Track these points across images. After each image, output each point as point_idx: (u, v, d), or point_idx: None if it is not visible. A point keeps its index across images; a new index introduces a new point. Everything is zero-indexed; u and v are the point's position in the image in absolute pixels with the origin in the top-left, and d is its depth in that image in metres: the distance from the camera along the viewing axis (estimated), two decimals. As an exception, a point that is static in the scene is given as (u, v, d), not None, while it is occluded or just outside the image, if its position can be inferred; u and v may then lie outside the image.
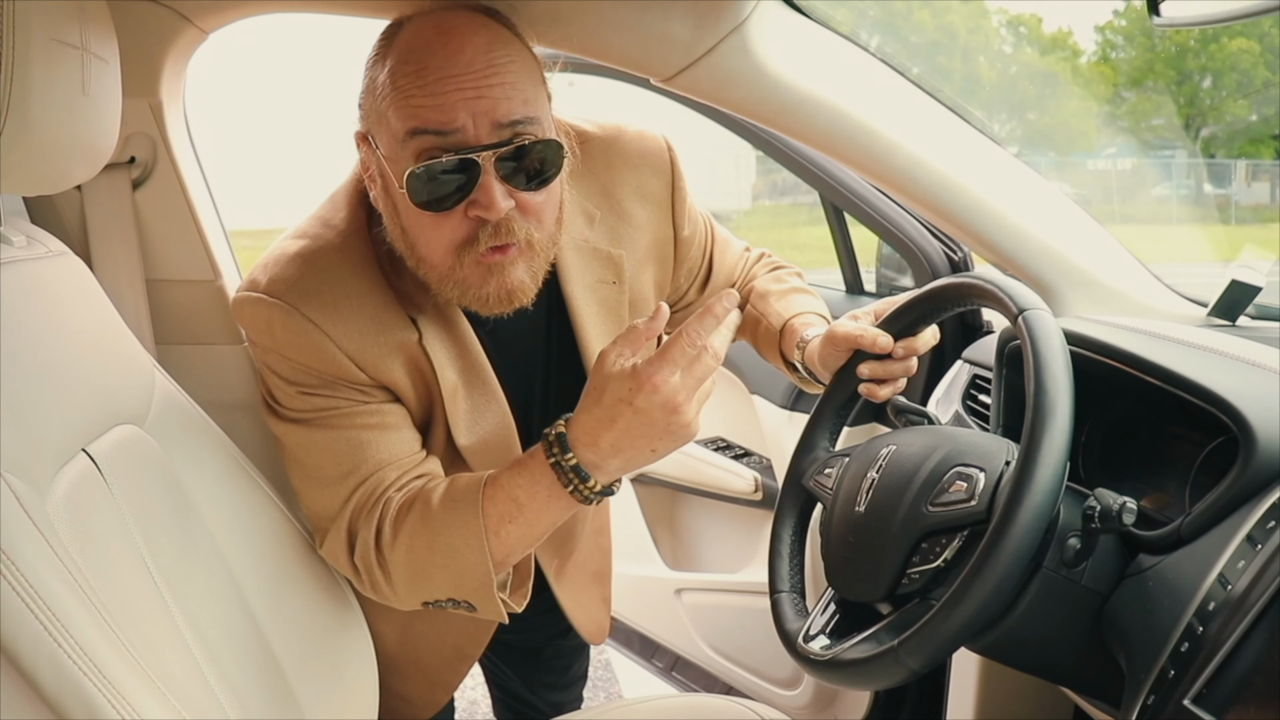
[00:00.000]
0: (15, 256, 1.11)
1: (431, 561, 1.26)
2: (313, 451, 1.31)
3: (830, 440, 1.47)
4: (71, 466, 1.04)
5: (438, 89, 1.16)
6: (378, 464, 1.30)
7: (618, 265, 1.44)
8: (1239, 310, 1.71)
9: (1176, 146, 18.53)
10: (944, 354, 1.97)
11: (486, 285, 1.22)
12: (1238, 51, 18.06)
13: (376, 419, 1.31)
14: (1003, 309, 1.23)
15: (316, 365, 1.28)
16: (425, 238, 1.21)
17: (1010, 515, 1.06)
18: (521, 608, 1.33)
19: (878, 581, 1.21)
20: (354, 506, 1.30)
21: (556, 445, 1.20)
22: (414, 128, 1.16)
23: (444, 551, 1.25)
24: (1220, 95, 18.65)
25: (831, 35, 1.57)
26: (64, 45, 1.02)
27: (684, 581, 2.66)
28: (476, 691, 3.07)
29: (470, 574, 1.25)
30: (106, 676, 0.88)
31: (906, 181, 1.63)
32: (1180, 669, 1.04)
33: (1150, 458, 1.40)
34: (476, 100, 1.16)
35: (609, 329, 1.44)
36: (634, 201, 1.47)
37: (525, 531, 1.25)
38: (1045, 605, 1.16)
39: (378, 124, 1.21)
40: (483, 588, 1.26)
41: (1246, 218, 15.35)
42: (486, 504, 1.23)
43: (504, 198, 1.17)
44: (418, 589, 1.30)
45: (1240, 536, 1.09)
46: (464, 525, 1.24)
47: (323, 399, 1.30)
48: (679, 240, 1.55)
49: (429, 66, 1.16)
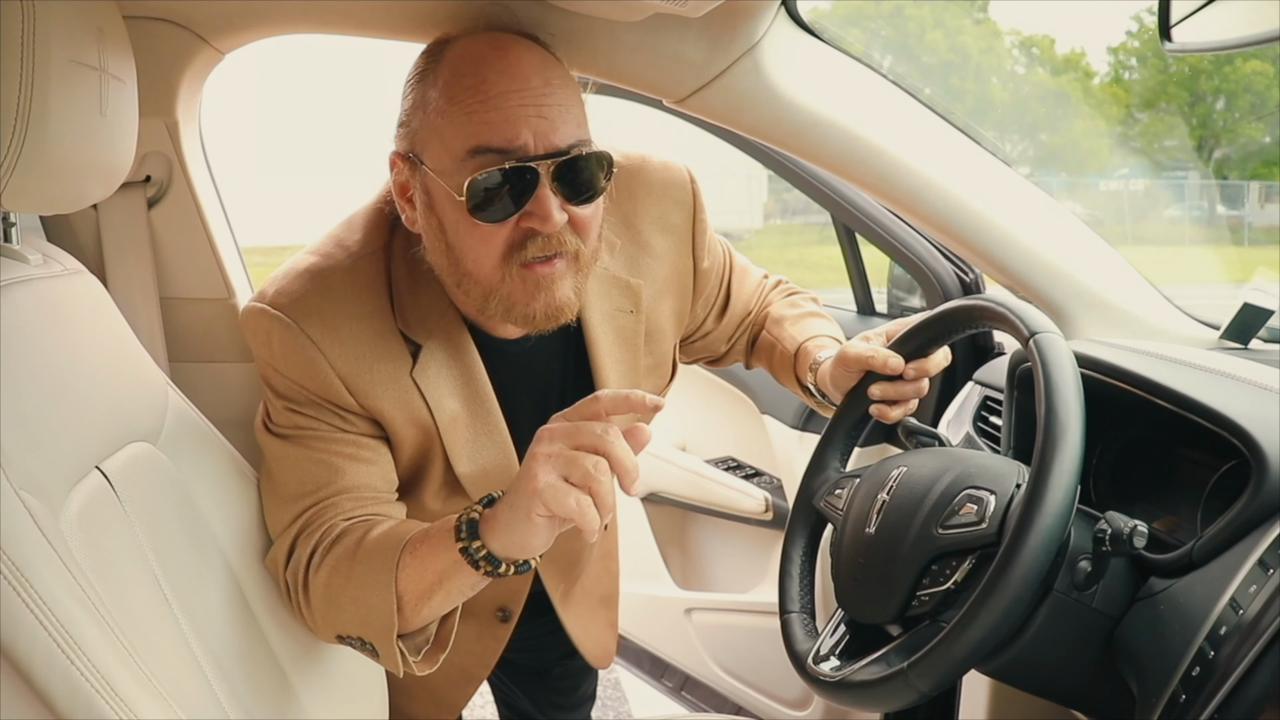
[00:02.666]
0: (32, 275, 1.12)
1: (344, 594, 1.23)
2: (283, 465, 1.31)
3: (841, 461, 1.47)
4: (85, 484, 1.05)
5: (499, 104, 1.16)
6: (337, 490, 1.29)
7: (636, 294, 1.44)
8: (1251, 333, 1.71)
9: (1189, 168, 18.52)
10: (955, 375, 1.97)
11: (535, 302, 1.22)
12: (1252, 73, 18.07)
13: (350, 449, 1.31)
14: (1014, 331, 1.23)
15: (308, 383, 1.28)
16: (475, 251, 1.21)
17: (1020, 538, 1.06)
18: (427, 671, 1.26)
19: (888, 603, 1.21)
20: (301, 524, 1.29)
21: (466, 531, 1.15)
22: (477, 145, 1.16)
23: (357, 586, 1.22)
24: (1234, 117, 18.65)
25: (844, 58, 1.58)
26: (82, 66, 1.03)
27: (694, 601, 2.66)
28: (486, 710, 3.06)
29: (375, 616, 1.21)
30: (118, 693, 0.88)
31: (918, 203, 1.63)
32: (1192, 693, 1.03)
33: (1162, 481, 1.40)
34: (538, 119, 1.17)
35: (624, 357, 1.45)
36: (655, 232, 1.47)
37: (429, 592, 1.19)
38: (1056, 628, 1.16)
39: (429, 140, 1.21)
40: (384, 633, 1.21)
41: (1260, 239, 15.33)
42: (405, 556, 1.19)
43: (558, 210, 1.18)
44: (330, 618, 1.27)
45: (1252, 561, 1.08)
46: (379, 570, 1.20)
47: (304, 418, 1.30)
48: (698, 271, 1.54)
49: (489, 81, 1.17)
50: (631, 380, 1.46)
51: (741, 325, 1.70)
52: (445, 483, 1.39)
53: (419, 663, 1.24)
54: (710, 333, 1.68)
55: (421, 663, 1.25)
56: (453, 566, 1.15)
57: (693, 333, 1.66)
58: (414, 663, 1.24)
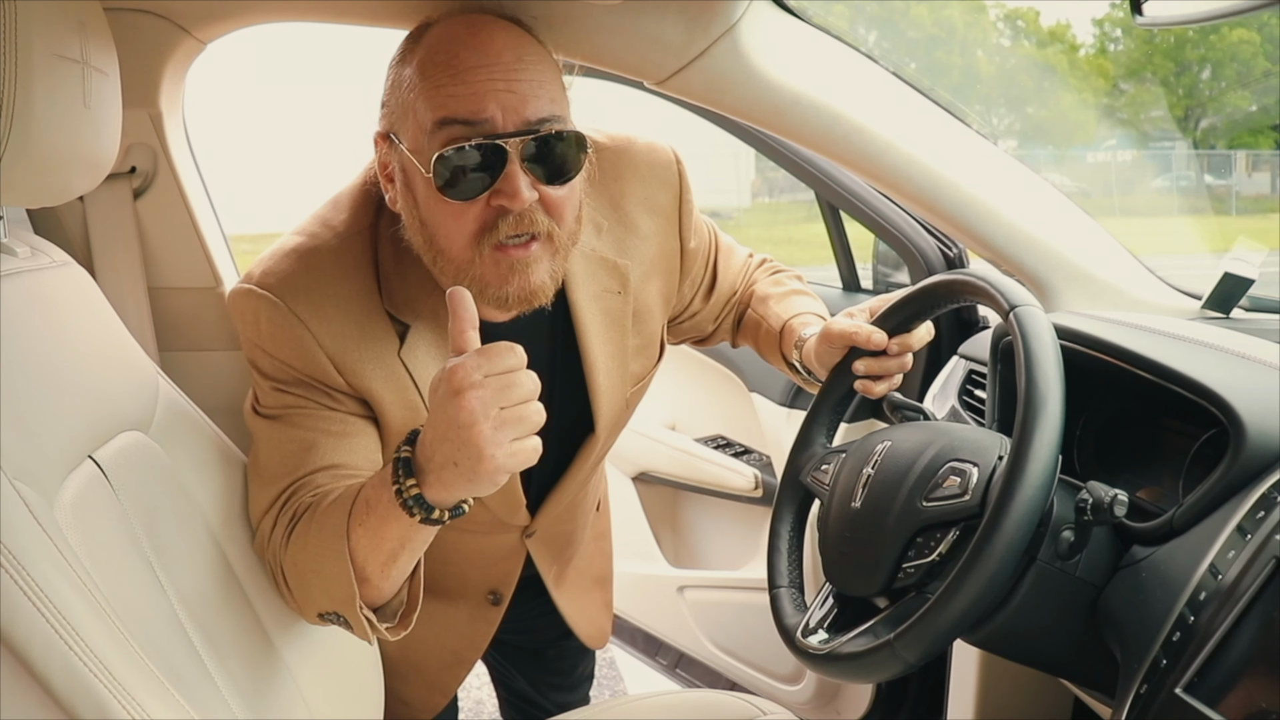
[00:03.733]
0: (20, 268, 1.13)
1: (307, 568, 1.22)
2: (267, 446, 1.31)
3: (827, 436, 1.48)
4: (78, 473, 1.05)
5: (468, 78, 1.17)
6: (315, 468, 1.28)
7: (623, 275, 1.44)
8: (1233, 303, 1.72)
9: (1176, 138, 18.52)
10: (940, 350, 1.99)
11: (508, 284, 1.22)
12: (1238, 42, 18.05)
13: (337, 427, 1.30)
14: (994, 305, 1.25)
15: (296, 363, 1.28)
16: (446, 228, 1.21)
17: (1002, 509, 1.07)
18: (398, 637, 1.24)
19: (874, 576, 1.22)
20: (279, 505, 1.28)
21: (402, 470, 1.11)
22: (443, 117, 1.17)
23: (315, 558, 1.20)
24: (1220, 86, 18.64)
25: (823, 36, 1.58)
26: (64, 59, 1.04)
27: (686, 579, 2.68)
28: (482, 691, 3.08)
29: (338, 587, 1.18)
30: (116, 678, 0.89)
31: (900, 179, 1.64)
32: (1172, 658, 1.05)
33: (1145, 451, 1.41)
34: (507, 93, 1.17)
35: (611, 338, 1.45)
36: (641, 213, 1.47)
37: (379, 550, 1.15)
38: (1040, 597, 1.17)
39: (403, 118, 1.22)
40: (348, 602, 1.18)
41: (1248, 208, 15.34)
42: (353, 528, 1.16)
43: (528, 188, 1.18)
44: (303, 595, 1.26)
45: (1231, 527, 1.10)
46: (332, 539, 1.17)
47: (292, 397, 1.30)
48: (685, 252, 1.55)
49: (459, 57, 1.18)
50: (619, 361, 1.47)
51: (728, 305, 1.71)
52: None
53: (393, 628, 1.23)
54: (698, 313, 1.69)
55: (396, 627, 1.23)
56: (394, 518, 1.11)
57: (680, 313, 1.67)
58: (387, 629, 1.22)
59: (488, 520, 1.48)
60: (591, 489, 1.69)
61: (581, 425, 1.48)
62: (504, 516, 1.49)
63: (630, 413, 1.57)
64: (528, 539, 1.57)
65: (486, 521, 1.48)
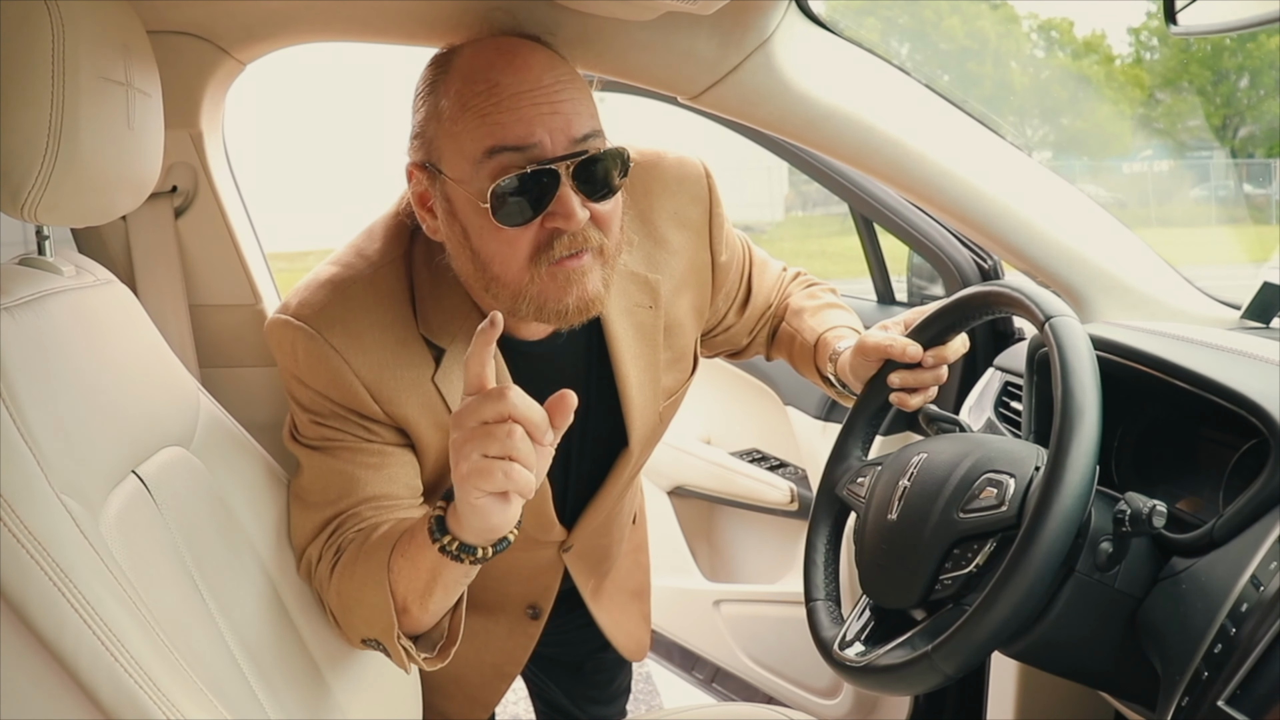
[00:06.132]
0: (66, 286, 1.15)
1: (351, 597, 1.26)
2: (310, 473, 1.34)
3: (863, 449, 1.48)
4: (122, 488, 1.08)
5: (513, 104, 1.18)
6: (359, 500, 1.31)
7: (654, 290, 1.45)
8: (1273, 312, 1.71)
9: (1214, 147, 18.32)
10: (976, 362, 1.98)
11: (566, 297, 1.23)
12: (1276, 49, 17.85)
13: (376, 459, 1.33)
14: (1029, 316, 1.25)
15: (333, 394, 1.30)
16: (501, 255, 1.22)
17: (1040, 520, 1.07)
18: (436, 667, 1.27)
19: (911, 588, 1.22)
20: (326, 534, 1.32)
21: (437, 529, 1.16)
22: (493, 145, 1.18)
23: (359, 587, 1.24)
24: (1258, 94, 18.42)
25: (855, 49, 1.59)
26: (109, 82, 1.06)
27: (722, 593, 2.68)
28: (519, 706, 3.09)
29: (378, 617, 1.22)
30: (160, 689, 0.91)
31: (934, 192, 1.65)
32: (1214, 670, 1.04)
33: (1184, 462, 1.40)
34: (552, 116, 1.19)
35: (643, 352, 1.45)
36: (671, 227, 1.48)
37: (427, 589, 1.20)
38: (1079, 609, 1.17)
39: (445, 148, 1.23)
40: (386, 632, 1.22)
41: (1288, 218, 15.16)
42: (394, 559, 1.21)
43: (580, 208, 1.20)
44: (348, 623, 1.30)
45: (1272, 538, 1.09)
46: (375, 570, 1.22)
47: (330, 430, 1.32)
48: (716, 265, 1.55)
49: (500, 84, 1.19)
50: (652, 375, 1.47)
51: (762, 318, 1.71)
52: None
53: (431, 659, 1.26)
54: (732, 326, 1.69)
55: (435, 658, 1.26)
56: (437, 563, 1.16)
57: (714, 327, 1.67)
58: (425, 659, 1.25)
59: (524, 538, 1.48)
60: (628, 503, 1.70)
61: (616, 440, 1.49)
62: (537, 535, 1.50)
63: (664, 427, 1.57)
64: (565, 553, 1.58)
65: (523, 539, 1.48)
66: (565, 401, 1.08)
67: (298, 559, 1.36)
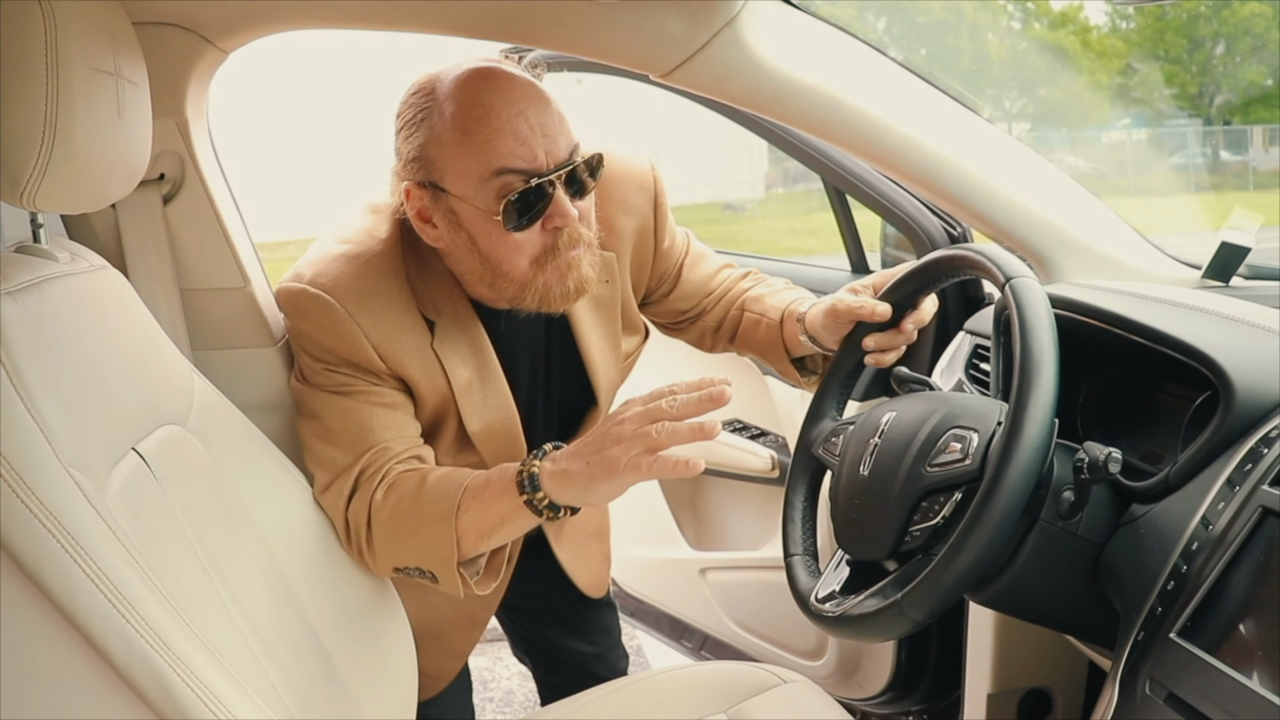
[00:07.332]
0: (62, 271, 1.19)
1: (406, 529, 1.43)
2: (330, 412, 1.48)
3: (838, 410, 1.54)
4: (124, 464, 1.12)
5: (512, 129, 1.35)
6: (383, 436, 1.47)
7: (610, 266, 1.61)
8: (1231, 271, 1.76)
9: (1191, 115, 18.35)
10: (948, 325, 2.03)
11: (566, 282, 1.42)
12: (1250, 15, 17.87)
13: (387, 400, 1.49)
14: (991, 277, 1.30)
15: (344, 351, 1.45)
16: (510, 258, 1.40)
17: (1001, 471, 1.12)
18: (487, 590, 1.48)
19: (882, 540, 1.27)
20: (362, 465, 1.46)
21: (529, 485, 1.36)
22: (500, 168, 1.35)
23: (419, 522, 1.41)
24: (1234, 61, 18.44)
25: (821, 24, 1.63)
26: (100, 73, 1.10)
27: (708, 561, 2.72)
28: (511, 682, 3.15)
29: (437, 549, 1.41)
30: (171, 648, 0.95)
31: (900, 161, 1.69)
32: (1167, 606, 1.10)
33: (1146, 415, 1.45)
34: (543, 137, 1.36)
35: (602, 322, 1.61)
36: (619, 213, 1.63)
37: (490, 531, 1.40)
38: (1044, 556, 1.22)
39: (449, 169, 1.38)
40: (445, 563, 1.41)
41: (1265, 183, 15.19)
42: (465, 500, 1.39)
43: (572, 208, 1.39)
44: (391, 551, 1.46)
45: (1221, 480, 1.15)
46: (442, 508, 1.40)
47: (344, 376, 1.47)
48: (659, 251, 1.70)
49: (495, 111, 1.35)
50: (613, 342, 1.64)
51: (700, 304, 1.81)
52: (456, 439, 1.55)
53: (478, 582, 1.46)
54: (658, 302, 1.81)
55: (483, 580, 1.47)
56: (514, 512, 1.36)
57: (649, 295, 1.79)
58: (473, 583, 1.45)
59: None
60: None
61: (580, 399, 1.67)
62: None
63: (624, 380, 1.75)
64: None
65: None
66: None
67: (318, 486, 1.50)
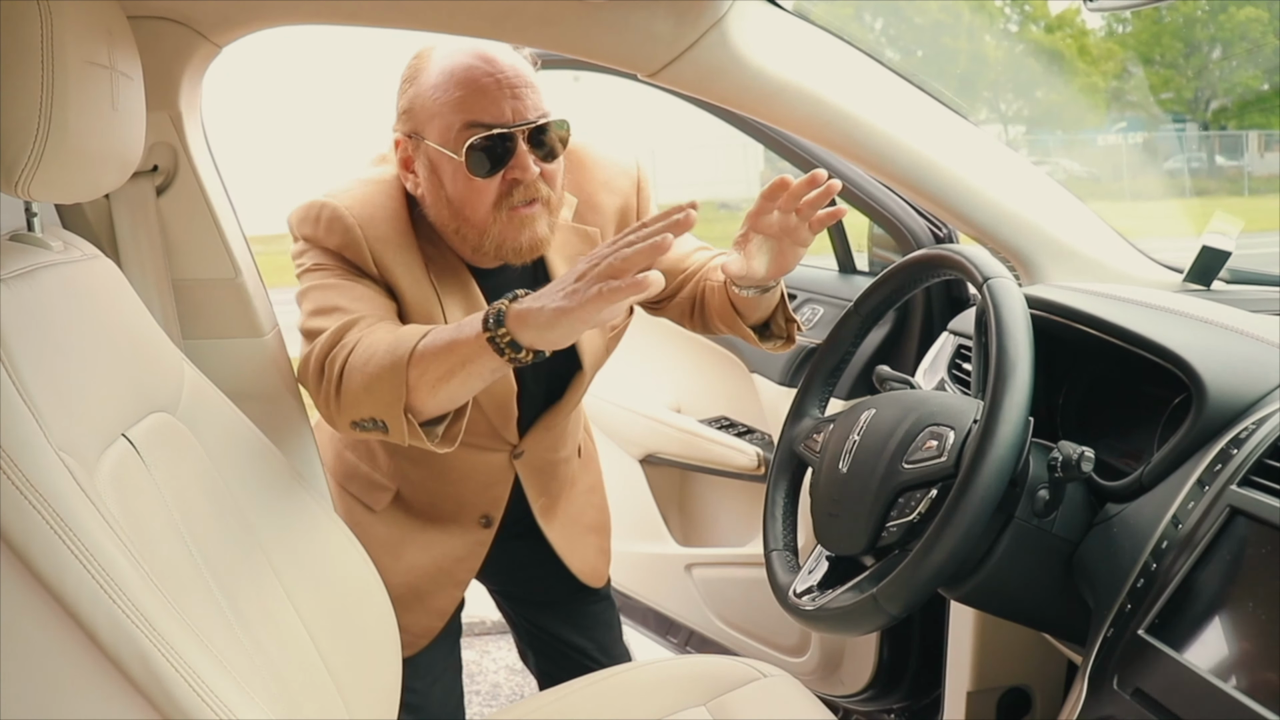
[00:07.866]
0: (56, 260, 1.20)
1: (366, 369, 1.40)
2: (325, 290, 1.55)
3: (819, 408, 1.55)
4: (114, 449, 1.13)
5: (487, 89, 1.49)
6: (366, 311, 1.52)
7: (593, 239, 1.71)
8: (1212, 275, 1.78)
9: (1187, 119, 18.40)
10: (932, 326, 2.05)
11: (520, 237, 1.54)
12: (1247, 20, 17.92)
13: (374, 292, 1.57)
14: (970, 277, 1.32)
15: (343, 250, 1.56)
16: (472, 201, 1.52)
17: (974, 468, 1.14)
18: (448, 449, 1.44)
19: (860, 536, 1.29)
20: (345, 323, 1.49)
21: (493, 321, 1.30)
22: (469, 120, 1.49)
23: (378, 364, 1.39)
24: (1230, 65, 18.49)
25: (809, 26, 1.65)
26: (94, 65, 1.12)
27: (693, 557, 2.73)
28: (506, 663, 3.19)
29: (386, 387, 1.38)
30: (156, 629, 0.97)
31: (884, 161, 1.71)
32: (1137, 603, 1.12)
33: (1125, 417, 1.47)
34: (513, 100, 1.49)
35: None
36: (603, 194, 1.74)
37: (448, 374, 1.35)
38: (1019, 554, 1.24)
39: (429, 122, 1.53)
40: (393, 405, 1.37)
41: (1260, 188, 15.24)
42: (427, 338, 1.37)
43: (533, 164, 1.51)
44: (352, 400, 1.43)
45: (1192, 481, 1.17)
46: (400, 345, 1.38)
47: (338, 269, 1.57)
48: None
49: (475, 78, 1.49)
50: None
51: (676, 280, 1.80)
52: None
53: (437, 444, 1.43)
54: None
55: (443, 441, 1.43)
56: (476, 352, 1.31)
57: None
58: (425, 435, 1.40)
59: (485, 430, 1.71)
60: (573, 426, 1.92)
61: (565, 365, 1.75)
62: (498, 426, 1.73)
63: (609, 354, 1.80)
64: (517, 460, 1.79)
65: (484, 432, 1.71)
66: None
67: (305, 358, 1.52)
